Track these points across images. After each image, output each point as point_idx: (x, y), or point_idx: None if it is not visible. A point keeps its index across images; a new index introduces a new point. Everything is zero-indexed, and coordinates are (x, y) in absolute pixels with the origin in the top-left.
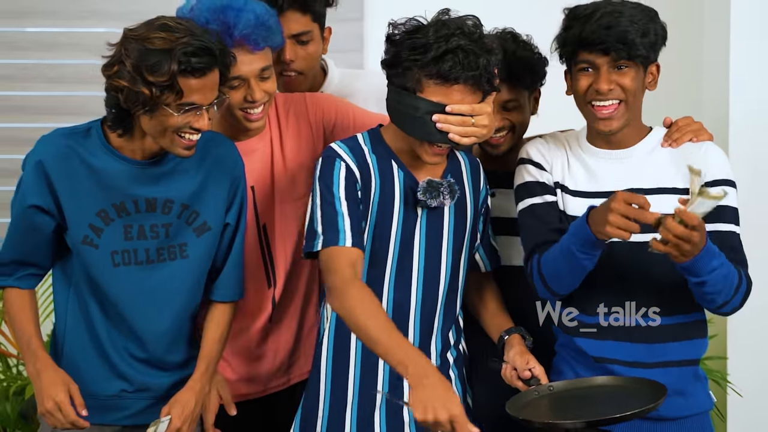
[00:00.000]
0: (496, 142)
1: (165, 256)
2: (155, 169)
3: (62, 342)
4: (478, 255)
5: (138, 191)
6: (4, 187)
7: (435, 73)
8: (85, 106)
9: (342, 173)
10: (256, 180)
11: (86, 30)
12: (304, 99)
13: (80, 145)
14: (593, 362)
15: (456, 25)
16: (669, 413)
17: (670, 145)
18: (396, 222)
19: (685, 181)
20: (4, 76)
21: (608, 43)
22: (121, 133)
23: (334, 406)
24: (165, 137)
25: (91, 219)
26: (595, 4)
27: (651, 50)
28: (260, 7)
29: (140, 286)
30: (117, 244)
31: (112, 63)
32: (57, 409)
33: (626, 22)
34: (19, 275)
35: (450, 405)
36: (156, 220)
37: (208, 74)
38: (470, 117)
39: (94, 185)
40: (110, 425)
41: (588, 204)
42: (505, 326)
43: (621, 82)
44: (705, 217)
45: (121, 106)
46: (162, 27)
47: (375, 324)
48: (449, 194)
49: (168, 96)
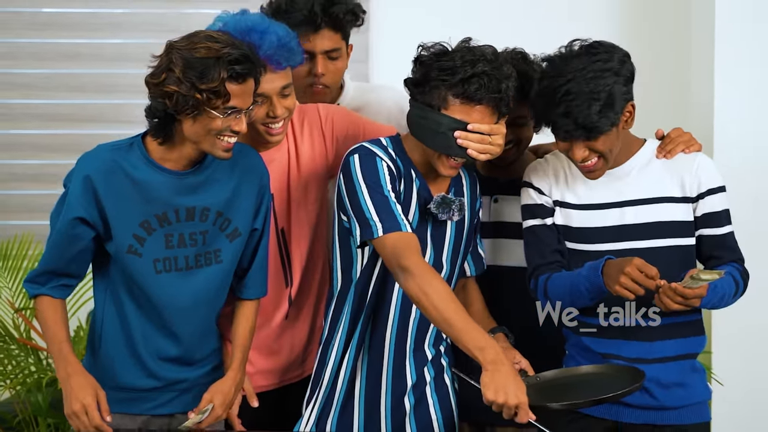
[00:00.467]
0: (504, 155)
1: (202, 262)
2: (192, 179)
3: (99, 341)
4: (465, 261)
5: (178, 201)
6: (28, 191)
7: (461, 93)
8: (103, 113)
9: (385, 169)
10: (274, 188)
11: (105, 41)
12: (317, 110)
13: (124, 159)
14: (601, 358)
15: (480, 52)
16: (671, 403)
17: (665, 156)
18: (413, 222)
19: (678, 189)
20: (28, 85)
21: (570, 131)
22: (162, 140)
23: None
24: (206, 140)
25: (135, 229)
26: (554, 68)
27: (618, 113)
28: (282, 30)
29: (180, 291)
30: (159, 252)
31: (159, 72)
32: (83, 411)
33: (584, 103)
34: (52, 285)
35: (519, 392)
36: (194, 228)
37: (248, 80)
38: (488, 136)
39: (138, 197)
40: (139, 415)
41: (593, 217)
42: (489, 327)
43: (594, 147)
44: (712, 222)
45: (167, 112)
46: (206, 38)
47: (453, 308)
48: (458, 211)
49: (216, 100)
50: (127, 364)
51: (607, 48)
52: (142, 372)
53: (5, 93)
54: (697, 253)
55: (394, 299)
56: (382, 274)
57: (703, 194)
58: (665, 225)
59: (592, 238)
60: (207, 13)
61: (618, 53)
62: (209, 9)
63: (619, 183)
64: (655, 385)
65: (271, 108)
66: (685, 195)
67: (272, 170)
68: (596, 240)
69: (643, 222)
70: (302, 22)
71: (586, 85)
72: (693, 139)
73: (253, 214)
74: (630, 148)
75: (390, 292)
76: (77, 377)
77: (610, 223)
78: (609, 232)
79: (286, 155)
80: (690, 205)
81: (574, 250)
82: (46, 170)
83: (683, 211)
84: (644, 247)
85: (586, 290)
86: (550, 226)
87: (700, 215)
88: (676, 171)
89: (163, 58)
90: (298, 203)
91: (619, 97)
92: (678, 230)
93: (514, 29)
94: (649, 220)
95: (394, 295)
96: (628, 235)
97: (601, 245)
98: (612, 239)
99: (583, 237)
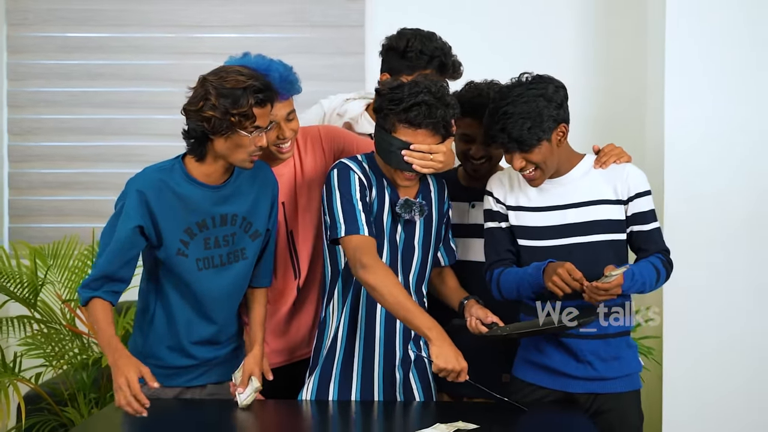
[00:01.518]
0: (477, 168)
1: (232, 259)
2: (224, 191)
3: (148, 330)
4: (439, 253)
5: (214, 210)
6: (60, 197)
7: (404, 119)
8: (125, 128)
9: (356, 181)
10: (284, 197)
11: (126, 63)
12: (318, 131)
13: (169, 178)
14: (550, 337)
15: (425, 85)
16: (609, 374)
17: (601, 167)
18: (385, 226)
19: (612, 193)
20: (57, 102)
21: (505, 143)
22: (198, 158)
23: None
24: (237, 154)
25: (181, 235)
26: (500, 94)
27: (546, 131)
28: (282, 67)
29: (216, 283)
30: (200, 253)
31: (196, 101)
32: (126, 384)
33: (517, 122)
34: (105, 289)
35: (461, 360)
36: (226, 231)
37: (268, 105)
38: (429, 154)
39: (182, 208)
40: (172, 387)
41: (542, 217)
42: (462, 296)
43: (530, 158)
44: (640, 220)
45: (204, 133)
46: (234, 72)
47: (404, 296)
48: (419, 212)
49: (245, 122)
50: (170, 348)
51: (545, 79)
52: (181, 354)
53: (32, 109)
54: (630, 247)
55: None
56: None
57: (632, 197)
58: (601, 223)
59: (541, 235)
60: (215, 37)
61: (553, 83)
62: (217, 33)
63: (562, 189)
64: (596, 358)
65: (280, 131)
66: (617, 198)
67: (282, 182)
68: (545, 237)
69: (583, 221)
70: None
71: (520, 108)
72: (623, 153)
73: (267, 217)
74: (571, 161)
75: None
76: (123, 359)
77: (555, 223)
78: (555, 230)
79: (293, 169)
80: (622, 206)
81: (526, 247)
82: (76, 179)
83: (616, 212)
84: (584, 241)
85: (529, 285)
86: (505, 229)
87: (630, 215)
88: (610, 178)
89: (198, 89)
90: (303, 209)
91: (548, 118)
92: (612, 227)
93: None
94: (588, 219)
95: None
96: (570, 232)
97: (548, 241)
98: (557, 236)
99: (534, 234)
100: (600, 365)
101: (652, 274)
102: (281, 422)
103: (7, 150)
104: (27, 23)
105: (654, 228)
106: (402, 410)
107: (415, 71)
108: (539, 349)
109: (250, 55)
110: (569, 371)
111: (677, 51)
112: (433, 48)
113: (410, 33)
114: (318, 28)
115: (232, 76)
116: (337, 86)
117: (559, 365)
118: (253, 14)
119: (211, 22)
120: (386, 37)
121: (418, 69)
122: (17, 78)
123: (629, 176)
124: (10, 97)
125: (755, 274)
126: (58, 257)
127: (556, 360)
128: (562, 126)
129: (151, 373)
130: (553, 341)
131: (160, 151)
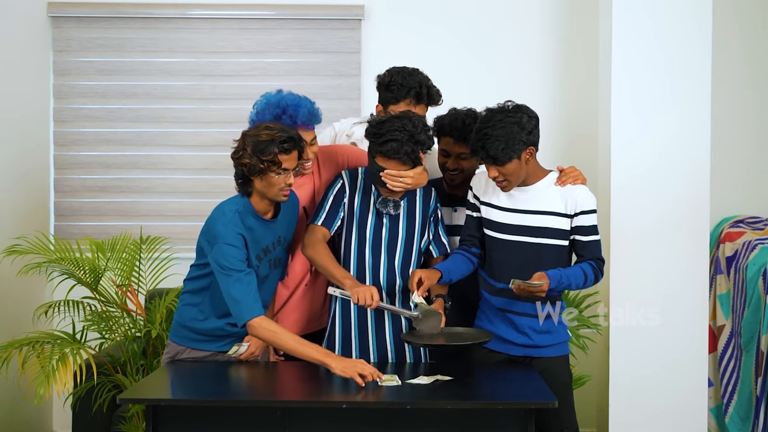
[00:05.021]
0: (451, 178)
1: (275, 266)
2: (274, 223)
3: (204, 320)
4: (430, 246)
5: (270, 239)
6: (98, 199)
7: (379, 151)
8: (154, 139)
9: (337, 187)
10: (305, 202)
11: (155, 83)
12: (335, 150)
13: (245, 218)
14: (497, 311)
15: (401, 124)
16: (542, 343)
17: (560, 185)
18: (371, 221)
19: (563, 208)
20: (96, 118)
21: (482, 157)
22: (245, 193)
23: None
24: (270, 191)
25: (254, 260)
26: (484, 117)
27: (517, 152)
28: (308, 103)
29: (266, 285)
30: (265, 270)
31: (238, 151)
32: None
33: (494, 143)
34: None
35: (374, 292)
36: (276, 249)
37: (293, 152)
38: (399, 177)
39: (252, 238)
40: (208, 351)
41: (505, 216)
42: (440, 292)
43: (501, 171)
44: (581, 232)
45: (245, 175)
46: (266, 128)
47: (331, 263)
48: (393, 208)
49: (273, 166)
50: (213, 325)
51: (523, 110)
52: (218, 328)
53: (74, 124)
54: (574, 252)
55: (367, 260)
56: (360, 247)
57: (578, 213)
58: (550, 230)
59: (502, 230)
60: (231, 61)
61: (527, 114)
62: (233, 59)
63: (526, 196)
64: (532, 331)
65: (304, 153)
66: (566, 212)
67: (304, 191)
68: (504, 232)
69: (536, 225)
70: None
71: (498, 131)
72: (581, 175)
73: (293, 228)
74: (538, 175)
75: (365, 255)
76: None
77: (515, 222)
78: (513, 228)
79: (312, 181)
80: (569, 219)
81: (490, 236)
82: (112, 183)
83: (563, 223)
84: (534, 242)
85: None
86: (476, 218)
87: (574, 226)
88: (564, 195)
89: (240, 142)
90: None
91: (519, 142)
92: (557, 235)
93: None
94: (540, 225)
95: (366, 256)
96: (524, 232)
97: (506, 236)
98: (514, 233)
99: (497, 228)
100: (535, 336)
101: (580, 277)
102: (295, 377)
103: (53, 159)
104: (70, 50)
105: (592, 240)
106: (393, 369)
107: (399, 101)
108: (490, 320)
109: (282, 91)
110: (511, 339)
111: (624, 83)
112: (411, 81)
113: (395, 70)
114: (319, 54)
115: (264, 131)
116: (336, 104)
117: (504, 333)
118: (264, 42)
119: (228, 49)
120: (377, 75)
121: (401, 99)
122: (62, 96)
123: (579, 196)
124: (56, 113)
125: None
126: (114, 250)
127: (501, 329)
128: (530, 148)
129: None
130: (500, 315)
131: (183, 160)
